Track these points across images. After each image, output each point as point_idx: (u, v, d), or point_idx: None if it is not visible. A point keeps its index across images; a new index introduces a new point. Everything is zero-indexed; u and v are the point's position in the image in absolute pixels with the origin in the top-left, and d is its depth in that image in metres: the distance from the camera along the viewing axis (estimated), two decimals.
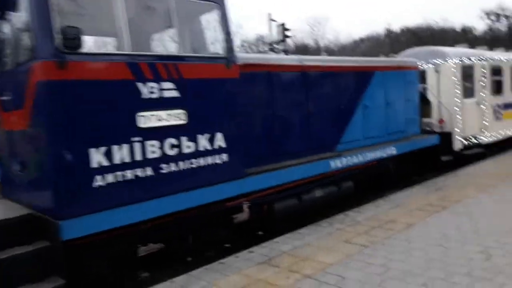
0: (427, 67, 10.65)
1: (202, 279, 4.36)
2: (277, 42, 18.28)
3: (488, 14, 60.00)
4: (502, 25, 60.09)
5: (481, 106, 10.73)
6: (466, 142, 10.44)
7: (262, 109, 6.02)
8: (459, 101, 10.32)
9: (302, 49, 49.25)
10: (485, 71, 10.81)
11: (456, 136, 10.26)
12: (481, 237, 4.88)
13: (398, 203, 6.86)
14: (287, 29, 18.14)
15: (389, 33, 66.13)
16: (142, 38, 4.79)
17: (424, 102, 10.10)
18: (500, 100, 11.41)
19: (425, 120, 10.25)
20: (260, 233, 6.37)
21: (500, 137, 11.34)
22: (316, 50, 48.60)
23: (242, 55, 6.28)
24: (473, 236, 4.94)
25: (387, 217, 6.06)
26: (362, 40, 67.47)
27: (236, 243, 5.79)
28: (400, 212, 6.27)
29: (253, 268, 4.52)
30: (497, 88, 11.50)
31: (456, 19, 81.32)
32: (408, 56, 11.11)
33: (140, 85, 4.36)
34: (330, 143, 7.18)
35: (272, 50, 18.06)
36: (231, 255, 5.08)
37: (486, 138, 10.84)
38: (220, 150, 5.02)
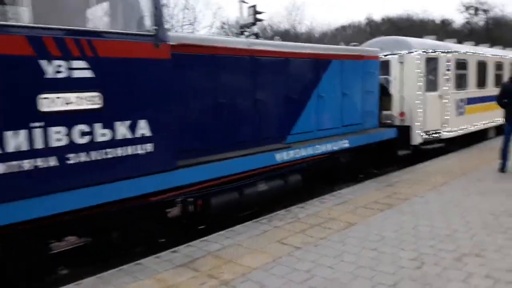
0: (392, 57, 10.36)
1: (111, 283, 3.93)
2: (248, 25, 17.59)
3: (467, 7, 60.64)
4: (480, 19, 60.88)
5: (444, 100, 10.54)
6: (426, 137, 10.26)
7: (201, 96, 5.54)
8: (421, 94, 10.09)
9: (283, 35, 48.53)
10: (449, 64, 10.58)
11: (416, 130, 10.05)
12: (418, 242, 4.61)
13: (346, 199, 6.57)
14: (259, 12, 17.45)
15: (370, 22, 66.11)
16: (49, 8, 4.21)
17: (385, 94, 9.83)
18: (463, 94, 11.25)
19: (386, 112, 10.00)
20: (201, 227, 5.97)
21: (462, 133, 11.22)
22: (295, 37, 47.91)
23: (177, 34, 5.76)
24: (411, 240, 4.67)
25: (330, 215, 5.75)
26: (343, 28, 67.21)
27: (175, 238, 5.37)
28: (344, 210, 5.97)
29: (170, 272, 4.11)
30: (462, 82, 11.33)
31: (436, 11, 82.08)
32: (373, 46, 10.73)
33: (43, 62, 3.80)
34: (279, 134, 6.79)
35: (242, 33, 17.38)
36: (163, 251, 4.69)
37: (447, 133, 10.68)
38: (143, 140, 4.53)
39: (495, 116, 12.50)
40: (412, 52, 10.02)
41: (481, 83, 12.23)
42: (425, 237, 4.74)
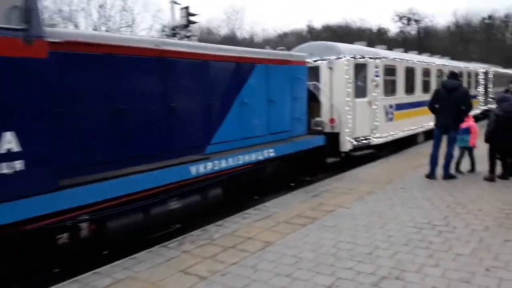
0: (321, 63, 10.14)
1: None
2: (181, 27, 16.87)
3: (400, 17, 64.02)
4: (412, 29, 64.55)
5: (373, 106, 10.49)
6: (355, 143, 10.14)
7: (93, 101, 4.76)
8: (350, 100, 9.95)
9: (230, 40, 47.97)
10: (378, 70, 10.57)
11: (346, 137, 9.89)
12: (337, 263, 4.18)
13: (269, 213, 6.08)
14: (192, 14, 16.79)
15: (311, 30, 67.76)
16: None
17: (314, 100, 9.57)
18: (392, 100, 11.31)
19: (317, 119, 9.74)
20: (105, 252, 5.17)
21: (391, 138, 11.26)
22: (236, 42, 47.58)
23: (62, 30, 4.98)
24: (329, 261, 4.23)
25: (248, 233, 5.21)
26: (285, 35, 68.20)
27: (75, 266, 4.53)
28: (264, 226, 5.46)
29: None
30: (390, 88, 11.40)
31: (372, 20, 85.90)
32: (303, 51, 10.46)
33: None
34: (197, 144, 6.18)
35: (174, 36, 16.62)
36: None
37: (377, 139, 10.65)
38: (9, 156, 3.71)
39: (423, 122, 12.79)
40: (341, 58, 9.86)
41: (410, 89, 12.44)
42: (344, 257, 4.32)
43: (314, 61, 10.27)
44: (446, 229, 5.03)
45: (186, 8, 16.48)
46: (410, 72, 12.37)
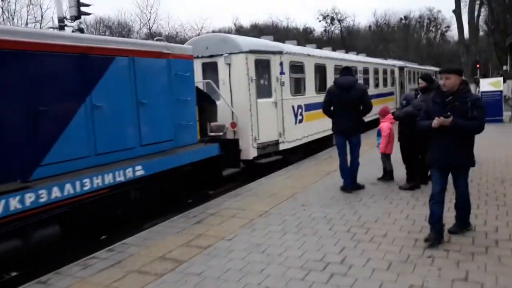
0: (218, 58, 8.79)
1: None
2: (71, 19, 14.62)
3: (324, 16, 65.35)
4: (336, 28, 66.25)
5: (279, 107, 9.36)
6: (261, 150, 8.93)
7: None
8: (252, 101, 8.71)
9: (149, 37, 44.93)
10: (283, 66, 9.46)
11: (248, 143, 8.64)
12: None
13: (124, 255, 4.56)
14: (83, 4, 14.62)
15: (238, 28, 66.87)
16: None
17: (209, 102, 8.19)
18: (301, 100, 10.28)
19: (218, 124, 8.38)
20: None
21: (302, 142, 10.24)
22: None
23: None
24: None
25: None
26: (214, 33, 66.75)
27: None
28: (104, 281, 3.94)
29: None
30: (299, 87, 10.38)
31: (298, 19, 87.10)
32: (198, 44, 9.06)
33: None
34: (14, 168, 4.46)
35: (63, 28, 14.35)
36: None
37: (285, 143, 9.54)
38: None
39: None
40: (240, 53, 8.58)
41: (321, 87, 11.53)
42: None
43: (210, 56, 8.91)
44: (339, 270, 3.86)
45: None
46: (320, 69, 11.47)
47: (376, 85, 16.77)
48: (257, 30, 63.13)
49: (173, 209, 6.61)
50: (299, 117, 10.18)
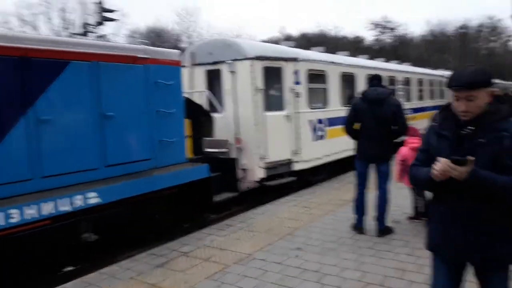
0: (223, 65, 7.74)
1: None
2: (95, 25, 14.34)
3: (375, 25, 62.83)
4: (388, 37, 63.44)
5: (293, 121, 8.11)
6: (269, 170, 7.72)
7: None
8: (259, 114, 7.54)
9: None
10: (299, 75, 8.22)
11: (256, 163, 7.47)
12: None
13: None
14: (108, 10, 14.29)
15: (287, 38, 66.07)
16: None
17: (203, 114, 7.13)
18: (323, 114, 8.96)
19: (216, 139, 7.33)
20: None
21: (322, 162, 8.88)
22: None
23: None
24: None
25: None
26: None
27: None
28: None
29: None
30: (319, 98, 9.07)
31: (347, 28, 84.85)
32: (200, 50, 8.12)
33: None
34: None
35: (85, 34, 14.07)
36: None
37: (300, 163, 8.26)
38: None
39: None
40: (245, 59, 7.47)
41: (349, 99, 10.13)
42: None
43: (214, 63, 7.88)
44: None
45: (99, 3, 13.92)
46: (348, 79, 10.06)
47: (420, 98, 14.97)
48: (305, 39, 61.93)
49: (161, 236, 5.62)
50: (319, 133, 8.85)
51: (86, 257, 5.27)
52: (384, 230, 5.18)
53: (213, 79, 8.10)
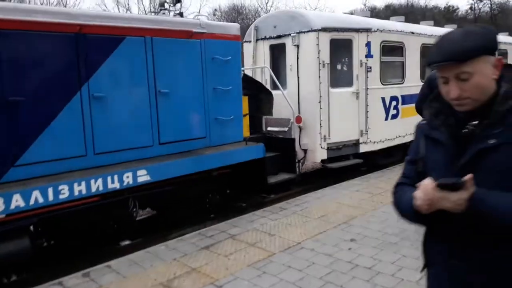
0: (287, 39, 7.32)
1: None
2: (172, 2, 14.53)
3: None
4: (484, 5, 56.82)
5: (362, 98, 7.49)
6: (333, 151, 7.26)
7: None
8: (323, 91, 7.06)
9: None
10: (372, 48, 7.50)
11: (317, 143, 7.07)
12: None
13: (97, 285, 3.66)
14: None
15: (371, 10, 62.50)
16: None
17: (263, 92, 6.86)
18: (397, 91, 8.16)
19: (281, 118, 7.06)
20: None
21: (394, 143, 8.16)
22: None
23: None
24: None
25: None
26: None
27: None
28: None
29: None
30: (393, 73, 8.26)
31: None
32: (264, 24, 7.76)
33: None
34: None
35: (160, 12, 14.32)
36: None
37: (369, 144, 7.66)
38: None
39: None
40: (310, 32, 6.96)
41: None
42: None
43: (278, 37, 7.49)
44: None
45: None
46: (428, 51, 9.01)
47: None
48: (390, 11, 57.81)
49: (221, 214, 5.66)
50: (393, 112, 8.10)
51: (142, 234, 5.44)
52: None
53: (278, 54, 7.73)
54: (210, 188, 5.75)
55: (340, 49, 7.35)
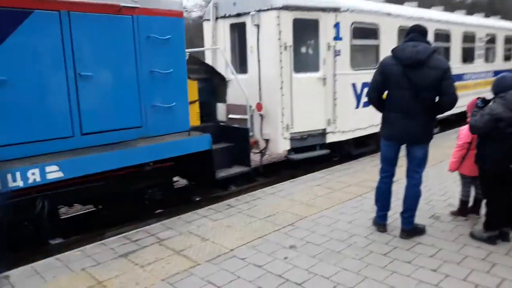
0: (247, 18, 6.65)
1: None
2: None
3: None
4: None
5: (330, 85, 6.86)
6: (296, 141, 6.68)
7: None
8: (285, 76, 6.43)
9: None
10: (341, 29, 6.84)
11: (279, 132, 6.48)
12: None
13: None
14: None
15: None
16: None
17: (217, 76, 6.23)
18: (370, 77, 7.48)
19: (238, 103, 6.46)
20: None
21: (366, 133, 7.58)
22: None
23: None
24: None
25: None
26: None
27: None
28: None
29: None
30: (367, 58, 7.63)
31: None
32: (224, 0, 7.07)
33: None
34: None
35: None
36: None
37: (337, 134, 7.07)
38: None
39: None
40: (270, 10, 6.29)
41: None
42: None
43: (238, 15, 6.82)
44: None
45: None
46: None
47: (507, 58, 12.46)
48: None
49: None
50: (365, 99, 7.47)
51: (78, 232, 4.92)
52: (410, 231, 3.99)
53: (237, 35, 7.07)
54: (151, 182, 5.17)
55: (305, 30, 6.70)
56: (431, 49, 3.81)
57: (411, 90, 3.76)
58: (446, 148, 6.58)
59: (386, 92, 4.01)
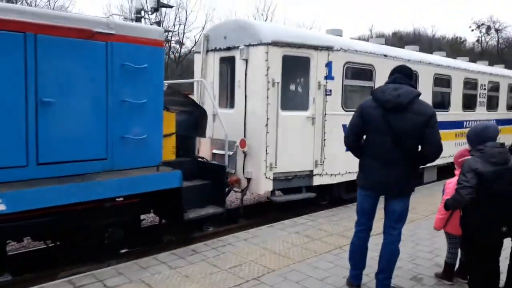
0: (236, 52, 6.45)
1: None
2: (149, 11, 13.86)
3: (478, 25, 55.91)
4: (491, 38, 56.08)
5: (319, 124, 6.55)
6: (281, 182, 6.31)
7: None
8: (271, 113, 6.14)
9: None
10: (333, 68, 6.60)
11: (262, 172, 6.13)
12: None
13: None
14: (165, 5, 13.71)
15: (379, 36, 61.85)
16: None
17: (199, 109, 5.96)
18: None
19: (218, 139, 6.16)
20: None
21: (355, 177, 7.15)
22: None
23: None
24: None
25: None
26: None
27: None
28: None
29: None
30: (361, 98, 7.32)
31: (444, 28, 76.89)
32: (215, 32, 6.93)
33: None
34: None
35: (139, 20, 13.62)
36: None
37: (324, 177, 6.69)
38: None
39: None
40: (259, 45, 6.09)
41: None
42: None
43: (228, 49, 6.62)
44: None
45: None
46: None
47: (510, 108, 12.14)
48: (397, 38, 57.16)
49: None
50: None
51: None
52: None
53: (227, 68, 6.86)
54: (112, 220, 4.79)
55: (296, 67, 6.48)
56: (415, 93, 3.49)
57: (391, 136, 3.42)
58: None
59: (364, 137, 3.68)
